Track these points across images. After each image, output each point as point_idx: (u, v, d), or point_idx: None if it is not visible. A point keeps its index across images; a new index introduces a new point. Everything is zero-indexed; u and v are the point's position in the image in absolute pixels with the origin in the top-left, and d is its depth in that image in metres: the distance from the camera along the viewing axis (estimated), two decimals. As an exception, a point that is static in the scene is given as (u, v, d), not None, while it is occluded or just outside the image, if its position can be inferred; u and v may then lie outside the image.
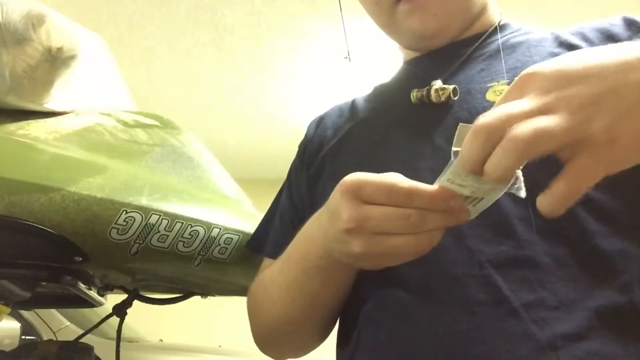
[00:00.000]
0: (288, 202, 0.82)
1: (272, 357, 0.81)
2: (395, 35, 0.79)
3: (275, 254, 0.75)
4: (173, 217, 0.96)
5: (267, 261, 0.81)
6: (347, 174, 0.60)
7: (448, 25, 0.74)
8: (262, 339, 0.77)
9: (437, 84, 0.70)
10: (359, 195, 0.51)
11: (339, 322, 0.73)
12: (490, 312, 0.56)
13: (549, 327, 0.54)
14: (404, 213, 0.49)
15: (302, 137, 0.87)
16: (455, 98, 0.68)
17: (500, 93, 0.65)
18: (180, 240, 0.97)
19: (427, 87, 0.70)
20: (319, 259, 0.62)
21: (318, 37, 3.32)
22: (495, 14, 0.79)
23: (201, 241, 0.99)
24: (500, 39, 0.73)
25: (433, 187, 0.49)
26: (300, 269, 0.66)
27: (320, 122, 0.84)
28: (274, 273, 0.73)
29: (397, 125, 0.72)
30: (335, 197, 0.54)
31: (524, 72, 0.45)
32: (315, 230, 0.61)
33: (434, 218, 0.49)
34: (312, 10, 3.09)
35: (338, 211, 0.53)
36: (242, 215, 1.10)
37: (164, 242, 0.96)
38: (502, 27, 0.76)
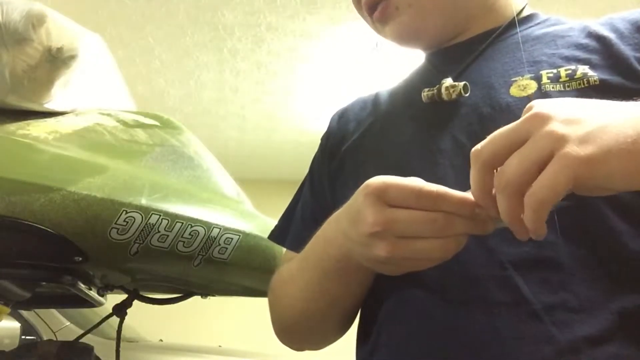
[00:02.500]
0: (310, 195, 0.81)
1: (292, 349, 0.81)
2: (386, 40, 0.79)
3: (297, 247, 0.75)
4: (173, 217, 0.96)
5: (288, 253, 0.80)
6: (368, 169, 0.57)
7: (426, 27, 0.73)
8: (282, 333, 0.77)
9: (448, 81, 0.68)
10: (383, 198, 0.50)
11: (359, 318, 0.73)
12: (510, 313, 0.55)
13: (570, 329, 0.53)
14: (430, 217, 0.48)
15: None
16: (466, 95, 0.67)
17: (524, 88, 0.64)
18: (180, 240, 0.97)
19: (438, 86, 0.69)
20: (338, 262, 0.61)
21: (318, 37, 3.32)
22: (518, 4, 0.76)
23: (201, 241, 0.99)
24: (521, 31, 0.71)
25: (462, 193, 0.49)
26: (319, 270, 0.65)
27: (342, 115, 0.83)
28: (293, 271, 0.73)
29: (416, 123, 0.71)
30: (359, 199, 0.52)
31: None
32: (334, 233, 0.60)
33: (460, 223, 0.49)
34: (312, 10, 3.08)
35: (362, 214, 0.51)
36: (242, 215, 1.10)
37: (164, 242, 0.96)
38: (527, 18, 0.74)
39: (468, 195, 0.48)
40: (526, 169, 0.42)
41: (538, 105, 0.45)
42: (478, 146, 0.46)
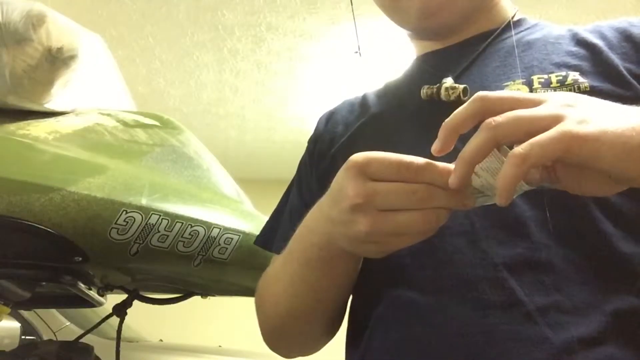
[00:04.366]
0: (298, 198, 0.80)
1: (281, 355, 0.80)
2: (397, 16, 0.77)
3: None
4: (173, 217, 0.96)
5: (276, 257, 0.79)
6: None
7: (451, 1, 0.72)
8: (269, 336, 0.76)
9: (448, 81, 0.68)
10: (365, 171, 0.50)
11: (350, 322, 0.72)
12: (503, 315, 0.56)
13: (564, 331, 0.53)
14: (411, 188, 0.48)
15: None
16: (465, 98, 0.66)
17: None
18: (180, 240, 0.97)
19: (438, 85, 0.68)
20: (320, 250, 0.60)
21: (318, 37, 3.32)
22: (510, 9, 0.77)
23: (201, 241, 0.99)
24: (514, 35, 0.71)
25: (444, 164, 0.48)
26: (302, 261, 0.64)
27: (330, 117, 0.82)
28: (277, 268, 0.72)
29: (409, 122, 0.71)
30: (340, 176, 0.52)
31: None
32: (317, 219, 0.60)
33: (441, 195, 0.48)
34: (312, 10, 3.09)
35: (344, 189, 0.51)
36: (242, 215, 1.10)
37: (164, 242, 0.96)
38: (517, 23, 0.75)
39: (450, 166, 0.48)
40: (520, 122, 0.43)
41: (548, 94, 0.47)
42: (486, 92, 0.47)
